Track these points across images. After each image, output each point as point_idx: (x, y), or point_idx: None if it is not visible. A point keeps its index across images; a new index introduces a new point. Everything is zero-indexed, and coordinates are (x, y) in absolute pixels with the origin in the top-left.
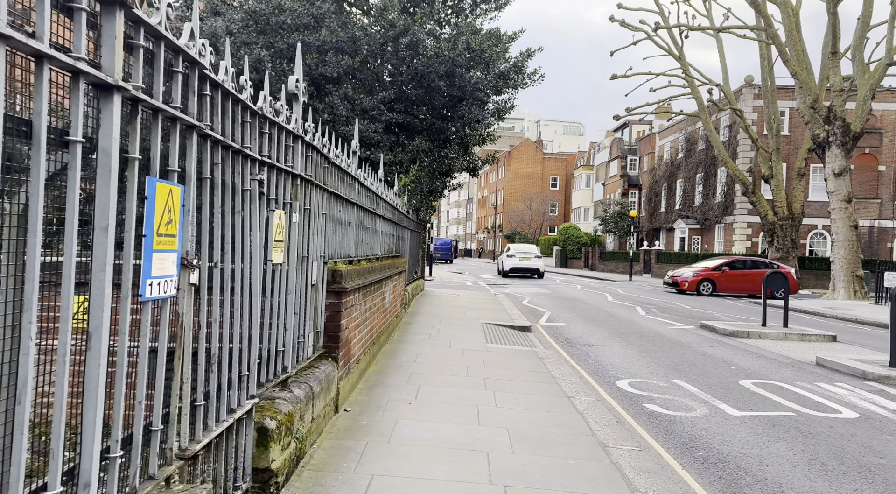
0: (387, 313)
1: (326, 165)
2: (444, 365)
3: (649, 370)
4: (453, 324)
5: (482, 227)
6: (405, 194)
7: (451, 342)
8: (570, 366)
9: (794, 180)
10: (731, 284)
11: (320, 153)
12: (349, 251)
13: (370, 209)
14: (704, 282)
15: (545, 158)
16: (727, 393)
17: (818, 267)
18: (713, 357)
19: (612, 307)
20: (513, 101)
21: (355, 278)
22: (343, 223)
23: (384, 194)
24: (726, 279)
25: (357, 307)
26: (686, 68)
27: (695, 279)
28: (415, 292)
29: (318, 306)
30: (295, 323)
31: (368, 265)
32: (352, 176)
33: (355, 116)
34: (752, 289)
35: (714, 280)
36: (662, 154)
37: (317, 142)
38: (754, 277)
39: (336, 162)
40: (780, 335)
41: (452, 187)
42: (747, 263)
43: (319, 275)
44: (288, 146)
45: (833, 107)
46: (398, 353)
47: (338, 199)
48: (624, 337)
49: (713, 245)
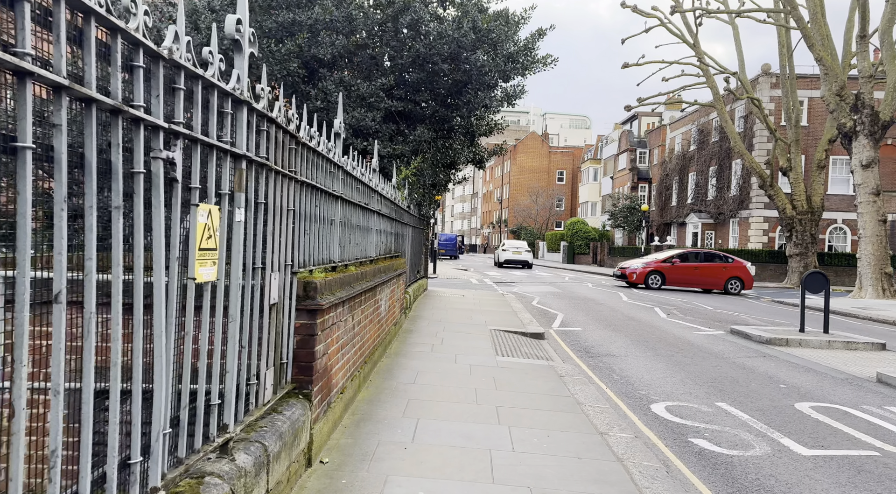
0: (383, 323)
1: (295, 147)
2: (449, 388)
3: (685, 388)
4: (459, 332)
5: (487, 222)
6: (405, 187)
7: (457, 356)
8: (594, 386)
9: (814, 173)
10: (682, 277)
11: (283, 130)
12: (331, 255)
13: (361, 204)
14: (653, 274)
15: (551, 152)
16: (786, 422)
17: (838, 263)
18: (755, 372)
19: (628, 309)
20: (523, 85)
21: (337, 290)
22: (322, 221)
23: (379, 186)
24: (676, 272)
25: (340, 325)
26: (701, 56)
27: (643, 271)
28: (417, 293)
29: (282, 332)
30: (241, 361)
31: (357, 271)
32: (333, 163)
33: (352, 103)
34: (704, 283)
35: (664, 273)
36: (674, 147)
37: (277, 114)
38: (706, 270)
39: (310, 144)
40: (823, 343)
41: (457, 180)
42: (700, 255)
43: (284, 290)
44: (224, 114)
45: (861, 94)
46: (395, 371)
47: (313, 191)
48: (648, 345)
49: (727, 240)
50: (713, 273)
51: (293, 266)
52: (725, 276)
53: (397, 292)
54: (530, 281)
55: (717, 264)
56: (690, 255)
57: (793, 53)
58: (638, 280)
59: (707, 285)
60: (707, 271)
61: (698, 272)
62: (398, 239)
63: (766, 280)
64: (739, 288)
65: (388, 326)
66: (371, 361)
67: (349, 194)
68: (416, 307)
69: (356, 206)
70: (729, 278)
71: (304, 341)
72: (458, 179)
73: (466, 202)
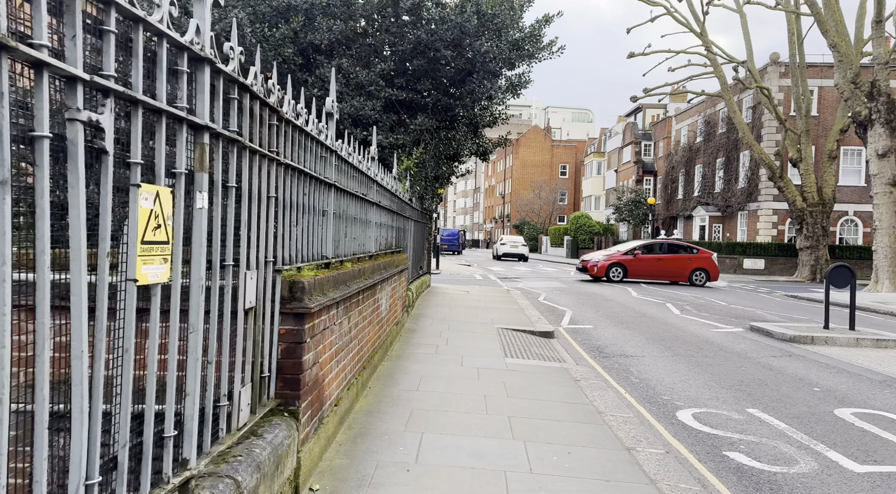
0: (383, 323)
1: (277, 124)
2: (456, 395)
3: (711, 392)
4: (464, 331)
5: (490, 217)
6: (407, 179)
7: (463, 357)
8: (613, 391)
9: (825, 164)
10: (645, 269)
11: (261, 102)
12: (324, 250)
13: (358, 194)
14: (615, 267)
15: (554, 146)
16: (828, 432)
17: (850, 256)
18: (784, 373)
19: (639, 305)
20: (528, 74)
21: (329, 290)
22: (312, 212)
23: (378, 176)
24: (639, 264)
25: (334, 330)
26: (708, 45)
27: (605, 264)
28: (420, 289)
29: (262, 340)
30: (206, 379)
31: (354, 268)
32: (325, 146)
33: (350, 92)
34: (668, 274)
35: (626, 265)
36: (679, 139)
37: (252, 82)
38: (670, 261)
39: (296, 122)
40: (851, 341)
41: (461, 172)
42: (664, 247)
43: (264, 291)
44: (179, 73)
45: (877, 81)
46: (396, 376)
47: (301, 177)
48: (665, 344)
49: (735, 233)
50: (677, 265)
51: (276, 263)
52: (690, 267)
53: (399, 289)
54: (535, 276)
55: (681, 256)
56: (654, 246)
57: (803, 41)
58: (599, 273)
59: (671, 277)
60: (671, 262)
61: (661, 264)
62: (399, 233)
63: (776, 274)
64: (704, 280)
65: (389, 326)
66: (370, 365)
67: (344, 183)
68: (419, 305)
69: (352, 196)
70: (694, 270)
71: (289, 349)
72: (461, 172)
73: (468, 197)
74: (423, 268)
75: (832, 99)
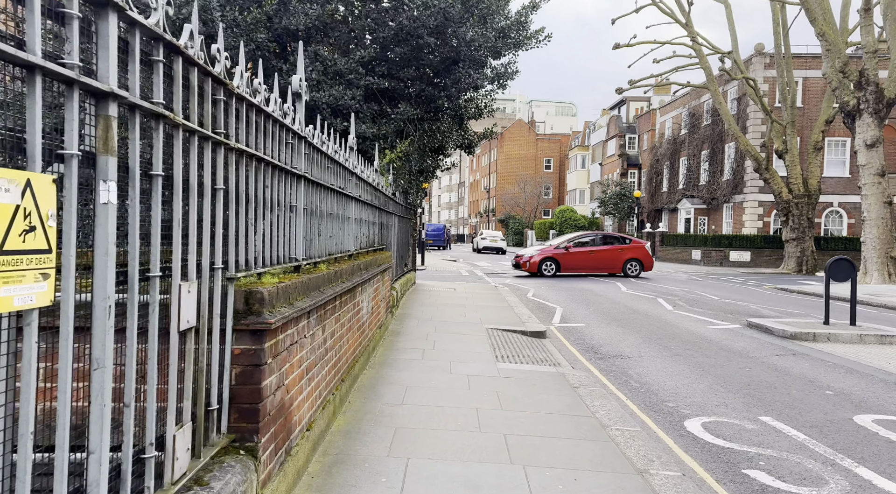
0: (365, 328)
1: (225, 100)
2: (445, 409)
3: (718, 398)
4: (452, 332)
5: (475, 211)
6: (390, 172)
7: (452, 363)
8: (614, 398)
9: (811, 155)
10: (577, 262)
11: (202, 70)
12: (293, 251)
13: (335, 188)
14: (546, 262)
15: (538, 140)
16: (853, 443)
17: (835, 247)
18: (791, 374)
19: (630, 300)
20: (515, 64)
21: (298, 299)
22: (276, 208)
23: (358, 168)
24: (571, 258)
25: (304, 344)
26: (694, 35)
27: (537, 259)
28: (405, 288)
29: (207, 367)
30: (117, 426)
31: (330, 270)
32: (291, 131)
33: (329, 81)
34: (601, 267)
35: (557, 259)
36: (664, 131)
37: (187, 43)
38: (602, 254)
39: (253, 100)
40: (854, 337)
41: (446, 166)
42: (597, 239)
43: (210, 305)
44: (67, 17)
45: (865, 71)
46: (380, 387)
47: (261, 166)
48: (662, 343)
49: (721, 226)
50: (610, 257)
51: (228, 270)
52: (623, 258)
53: (382, 290)
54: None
55: (613, 247)
56: (587, 239)
57: (788, 31)
58: (531, 268)
59: (604, 270)
60: (603, 254)
61: (594, 257)
62: (382, 230)
63: (762, 266)
64: (638, 270)
65: (371, 330)
66: (350, 376)
67: (317, 175)
68: (404, 305)
69: (328, 190)
70: (627, 261)
71: (246, 374)
72: (446, 166)
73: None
74: (407, 265)
75: (817, 90)
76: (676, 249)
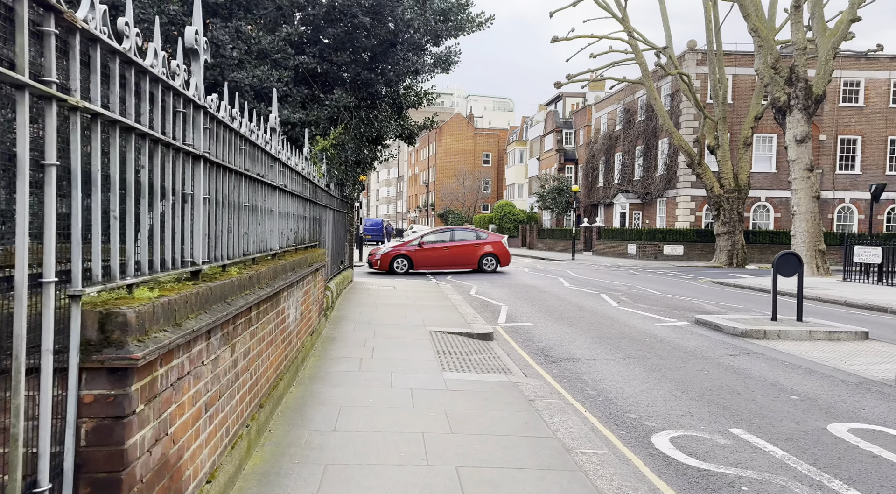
0: (292, 338)
1: (59, 34)
2: (385, 435)
3: (681, 406)
4: (393, 336)
5: (414, 206)
6: (324, 161)
7: (393, 374)
8: (573, 411)
9: (740, 151)
10: (432, 258)
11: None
12: (189, 253)
13: (252, 175)
14: (399, 259)
15: (477, 134)
16: (834, 459)
17: (763, 241)
18: (751, 377)
19: (574, 296)
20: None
21: (188, 317)
22: (158, 195)
23: (284, 155)
24: (425, 254)
25: (202, 373)
26: (630, 31)
27: (388, 256)
28: (341, 287)
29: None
30: None
31: (243, 275)
32: (184, 97)
33: (253, 60)
34: (456, 263)
35: (410, 256)
36: (599, 127)
37: None
38: (457, 249)
39: (113, 44)
40: (804, 334)
41: (384, 157)
42: (452, 234)
43: (36, 336)
44: None
45: (795, 67)
46: (308, 409)
47: (130, 136)
48: (612, 343)
49: (655, 220)
50: (465, 252)
51: (70, 282)
52: (479, 254)
53: (314, 291)
54: None
55: (469, 243)
56: (441, 235)
57: (720, 28)
58: (382, 267)
59: (460, 266)
60: (458, 250)
61: (449, 252)
62: (315, 224)
63: (695, 259)
64: (495, 265)
65: (301, 339)
66: (273, 397)
67: (226, 157)
68: (340, 306)
69: (242, 176)
70: (483, 256)
71: (102, 430)
72: (384, 157)
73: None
74: (344, 262)
75: (746, 87)
76: (612, 243)
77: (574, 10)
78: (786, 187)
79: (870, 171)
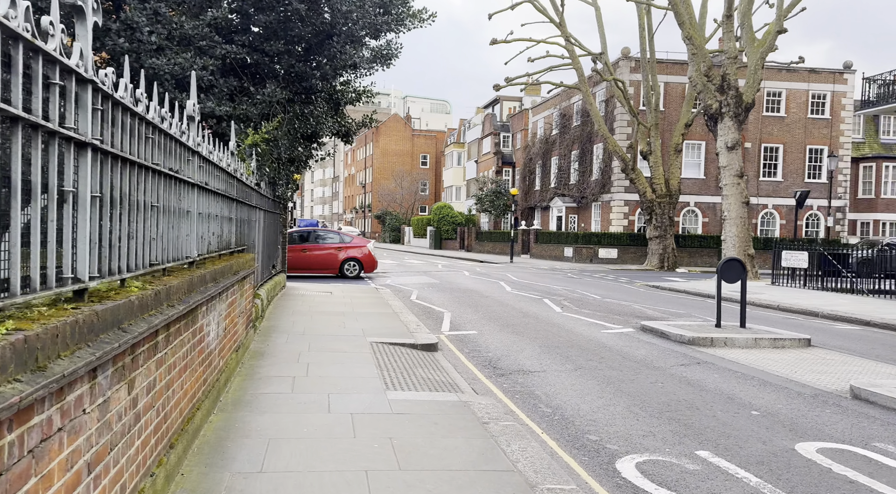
0: (213, 358)
1: None
2: (322, 476)
3: (642, 425)
4: (330, 350)
5: (350, 207)
6: (253, 158)
7: (331, 396)
8: (531, 434)
9: (672, 157)
10: (289, 262)
11: None
12: (70, 268)
13: (163, 170)
14: None
15: (414, 135)
16: (812, 487)
17: (692, 245)
18: (707, 390)
19: (517, 301)
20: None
21: (59, 356)
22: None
23: (205, 148)
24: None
25: (79, 429)
26: (567, 36)
27: None
28: (272, 293)
29: None
30: None
31: (144, 292)
32: (57, 62)
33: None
34: (315, 267)
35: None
36: (536, 131)
37: None
38: (318, 253)
39: None
40: (750, 342)
41: (320, 156)
42: (314, 236)
43: None
44: None
45: (727, 75)
46: (230, 444)
47: None
48: (561, 353)
49: (590, 224)
50: (326, 257)
51: None
52: (341, 259)
53: (241, 302)
54: (403, 271)
55: (330, 247)
56: (304, 236)
57: (653, 36)
58: None
59: (320, 270)
60: (319, 253)
61: (307, 257)
62: (243, 227)
63: (628, 263)
64: (357, 271)
65: (224, 358)
66: (187, 432)
67: (125, 147)
68: (271, 315)
69: (150, 171)
70: (345, 261)
71: None
72: (320, 156)
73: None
74: (276, 267)
75: (677, 95)
76: (550, 246)
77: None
78: (714, 192)
79: (791, 178)
